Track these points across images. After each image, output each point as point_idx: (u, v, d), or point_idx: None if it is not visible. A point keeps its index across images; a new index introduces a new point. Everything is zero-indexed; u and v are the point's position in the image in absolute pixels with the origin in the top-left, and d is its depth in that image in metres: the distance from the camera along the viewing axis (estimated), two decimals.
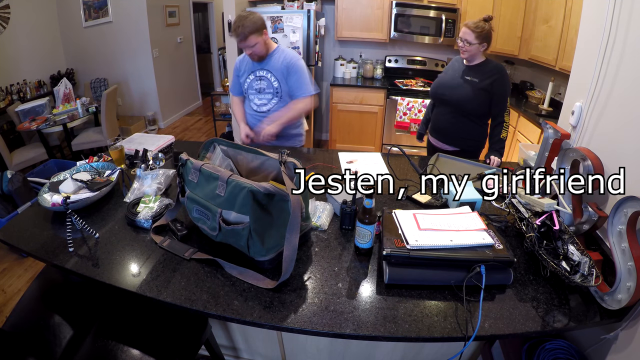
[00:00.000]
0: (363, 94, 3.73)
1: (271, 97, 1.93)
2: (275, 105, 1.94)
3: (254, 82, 1.93)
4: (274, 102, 1.94)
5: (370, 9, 3.61)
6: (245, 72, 1.96)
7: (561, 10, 2.62)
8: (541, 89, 3.32)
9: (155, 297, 0.93)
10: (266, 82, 1.90)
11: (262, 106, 1.96)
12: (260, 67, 1.90)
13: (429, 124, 2.19)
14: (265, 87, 1.91)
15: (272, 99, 1.93)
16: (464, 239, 0.99)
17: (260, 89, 1.92)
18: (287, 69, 1.86)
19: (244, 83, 1.96)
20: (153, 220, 1.20)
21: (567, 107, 1.38)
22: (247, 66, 1.94)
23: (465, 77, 1.89)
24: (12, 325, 1.10)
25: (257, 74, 1.91)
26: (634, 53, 1.04)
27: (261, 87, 1.92)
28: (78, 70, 4.79)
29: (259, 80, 1.91)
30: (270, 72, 1.88)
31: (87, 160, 1.55)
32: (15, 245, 1.12)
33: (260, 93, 1.93)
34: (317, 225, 1.20)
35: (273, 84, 1.90)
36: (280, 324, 0.86)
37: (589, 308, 0.94)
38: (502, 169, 1.63)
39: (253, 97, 1.96)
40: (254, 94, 1.95)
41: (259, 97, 1.95)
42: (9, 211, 2.49)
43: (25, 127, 3.25)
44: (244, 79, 1.96)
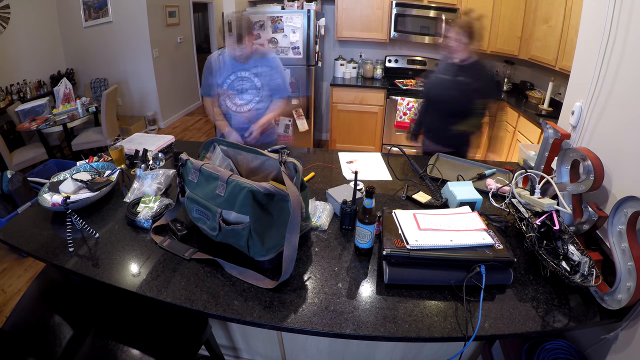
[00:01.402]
0: (363, 94, 3.73)
1: (252, 96, 1.95)
2: (256, 104, 1.97)
3: (235, 83, 1.93)
4: (255, 102, 1.96)
5: (370, 9, 3.61)
6: (223, 72, 1.95)
7: (561, 10, 2.62)
8: (541, 89, 3.31)
9: (155, 297, 0.93)
10: (249, 83, 1.93)
11: (243, 106, 1.97)
12: (242, 68, 1.91)
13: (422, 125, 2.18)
14: (248, 87, 1.93)
15: (254, 99, 1.96)
16: (464, 239, 0.99)
17: (242, 89, 1.94)
18: (269, 69, 1.91)
19: (224, 83, 1.95)
20: (153, 220, 1.20)
21: (567, 107, 1.38)
22: (227, 66, 1.94)
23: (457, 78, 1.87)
24: (12, 325, 1.10)
25: (238, 74, 1.92)
26: (634, 53, 1.04)
27: (243, 87, 1.93)
28: (78, 70, 4.79)
29: (241, 80, 1.93)
30: (253, 73, 1.91)
31: (87, 160, 1.55)
32: (15, 245, 1.12)
33: (242, 93, 1.95)
34: (317, 225, 1.20)
35: (256, 84, 1.92)
36: (280, 324, 0.86)
37: (589, 308, 0.94)
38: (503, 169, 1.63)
39: (234, 97, 1.97)
40: (236, 94, 1.96)
41: (240, 97, 1.96)
42: (9, 211, 2.49)
43: (25, 127, 3.25)
44: (223, 79, 1.95)
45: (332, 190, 1.33)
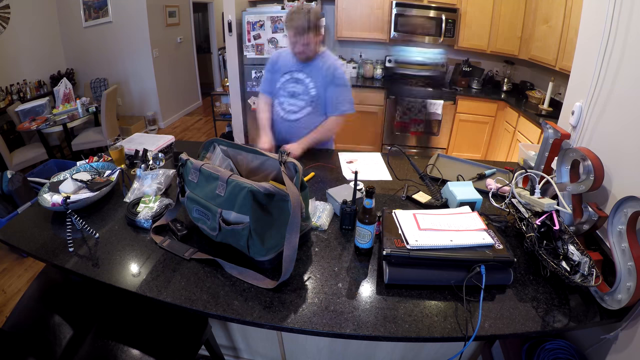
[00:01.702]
0: (363, 94, 3.73)
1: (304, 104, 1.72)
2: (307, 115, 1.74)
3: (288, 84, 1.72)
4: (306, 112, 1.74)
5: (370, 9, 3.61)
6: (279, 70, 1.74)
7: (561, 10, 2.62)
8: (541, 89, 3.31)
9: (155, 297, 0.93)
10: (302, 87, 1.70)
11: (291, 113, 1.76)
12: (299, 69, 1.69)
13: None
14: (300, 92, 1.71)
15: (305, 108, 1.73)
16: (464, 239, 0.99)
17: (294, 93, 1.72)
18: (332, 77, 1.67)
19: (277, 82, 1.75)
20: (153, 220, 1.20)
21: (567, 107, 1.38)
22: (284, 64, 1.72)
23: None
24: (12, 325, 1.10)
25: (294, 75, 1.70)
26: (634, 53, 1.04)
27: (295, 91, 1.72)
28: (78, 70, 4.79)
29: (295, 83, 1.71)
30: (310, 77, 1.68)
31: (87, 160, 1.55)
32: (15, 245, 1.12)
33: (293, 97, 1.73)
34: (317, 225, 1.20)
35: (310, 91, 1.69)
36: (280, 324, 0.86)
37: (589, 308, 0.94)
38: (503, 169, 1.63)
39: (283, 100, 1.76)
40: (286, 97, 1.75)
41: (289, 102, 1.74)
42: (9, 211, 2.49)
43: (25, 127, 3.25)
44: (278, 77, 1.74)
45: (332, 190, 1.33)
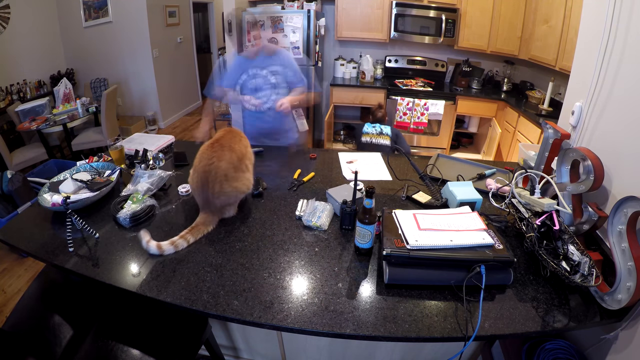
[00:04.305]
0: (363, 94, 3.73)
1: (270, 93, 1.89)
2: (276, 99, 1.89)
3: (247, 82, 1.88)
4: (274, 98, 1.89)
5: (370, 9, 3.61)
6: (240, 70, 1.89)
7: (561, 10, 2.62)
8: (541, 89, 3.31)
9: (155, 297, 0.93)
10: (261, 79, 1.86)
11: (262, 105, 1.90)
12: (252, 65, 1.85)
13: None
14: (261, 85, 1.87)
15: (272, 95, 1.89)
16: (464, 239, 0.99)
17: (257, 87, 1.88)
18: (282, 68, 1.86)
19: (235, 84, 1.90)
20: (132, 220, 1.19)
21: (567, 107, 1.38)
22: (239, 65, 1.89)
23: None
24: (12, 325, 1.10)
25: (249, 72, 1.86)
26: (634, 53, 1.04)
27: (257, 85, 1.88)
28: (78, 70, 4.79)
29: (254, 78, 1.87)
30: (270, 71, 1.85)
31: (87, 160, 1.55)
32: (15, 245, 1.12)
33: (257, 91, 1.89)
34: (317, 225, 1.20)
35: (270, 80, 1.86)
36: (280, 324, 0.86)
37: (589, 308, 0.94)
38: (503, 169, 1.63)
39: (249, 98, 1.90)
40: (250, 93, 1.90)
41: (256, 97, 1.89)
42: (9, 211, 2.49)
43: (25, 127, 3.25)
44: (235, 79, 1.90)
45: (332, 190, 1.33)
